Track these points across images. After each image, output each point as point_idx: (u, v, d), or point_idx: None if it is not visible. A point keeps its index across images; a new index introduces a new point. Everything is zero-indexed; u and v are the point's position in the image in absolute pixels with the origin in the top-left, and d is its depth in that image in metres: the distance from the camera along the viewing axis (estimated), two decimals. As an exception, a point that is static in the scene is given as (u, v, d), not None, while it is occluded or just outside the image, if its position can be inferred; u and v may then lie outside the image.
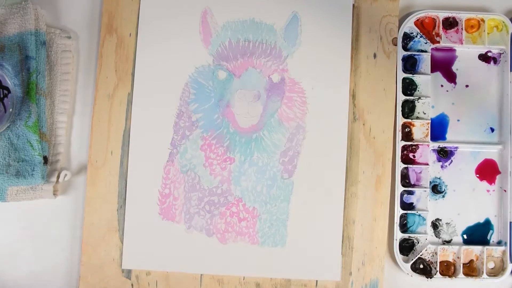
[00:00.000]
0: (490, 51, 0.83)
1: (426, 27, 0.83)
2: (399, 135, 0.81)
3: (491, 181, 0.82)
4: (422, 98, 0.81)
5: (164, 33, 0.81)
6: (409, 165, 0.81)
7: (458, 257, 0.80)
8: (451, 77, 0.83)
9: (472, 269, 0.81)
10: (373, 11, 0.82)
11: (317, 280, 0.79)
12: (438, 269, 0.80)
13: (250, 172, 0.80)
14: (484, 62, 0.84)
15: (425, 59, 0.82)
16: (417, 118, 0.82)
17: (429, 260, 0.81)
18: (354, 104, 0.81)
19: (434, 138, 0.82)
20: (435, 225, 0.82)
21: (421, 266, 0.81)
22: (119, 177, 0.80)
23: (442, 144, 0.82)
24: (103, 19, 0.81)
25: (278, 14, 0.82)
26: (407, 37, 0.83)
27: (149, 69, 0.81)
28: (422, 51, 0.82)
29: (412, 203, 0.81)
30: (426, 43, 0.83)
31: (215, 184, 0.80)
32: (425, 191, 0.81)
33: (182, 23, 0.81)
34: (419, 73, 0.82)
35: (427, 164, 0.81)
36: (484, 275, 0.80)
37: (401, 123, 0.81)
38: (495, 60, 0.84)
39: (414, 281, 0.80)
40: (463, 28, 0.82)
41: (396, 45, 0.82)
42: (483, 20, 0.83)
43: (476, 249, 0.81)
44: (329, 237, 0.79)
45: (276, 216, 0.80)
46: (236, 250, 0.79)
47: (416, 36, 0.83)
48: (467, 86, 0.83)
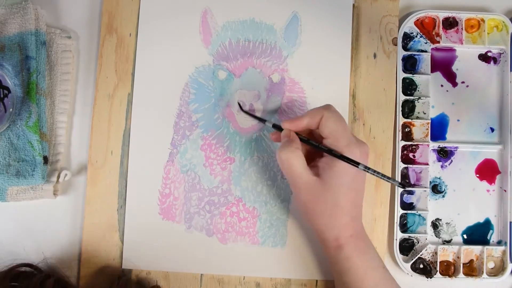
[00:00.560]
0: (490, 51, 0.83)
1: (426, 27, 0.83)
2: (399, 135, 0.81)
3: (491, 181, 0.82)
4: (422, 98, 0.81)
5: (164, 33, 0.81)
6: (409, 165, 0.81)
7: (458, 257, 0.80)
8: (451, 77, 0.83)
9: (472, 269, 0.81)
10: (373, 11, 0.82)
11: (317, 280, 0.79)
12: (438, 269, 0.80)
13: (250, 172, 0.80)
14: (484, 62, 0.84)
15: (425, 59, 0.82)
16: (417, 118, 0.82)
17: (429, 260, 0.81)
18: (354, 104, 0.81)
19: (434, 138, 0.82)
20: (435, 225, 0.82)
21: (421, 266, 0.81)
22: (119, 177, 0.80)
23: (442, 144, 0.82)
24: (103, 19, 0.81)
25: (278, 14, 0.82)
26: (407, 37, 0.83)
27: (149, 69, 0.81)
28: (422, 51, 0.82)
29: (412, 203, 0.81)
30: (426, 43, 0.83)
31: (215, 184, 0.80)
32: (425, 191, 0.81)
33: (182, 23, 0.81)
34: (419, 73, 0.82)
35: (427, 164, 0.81)
36: (484, 275, 0.80)
37: (401, 123, 0.81)
38: (495, 60, 0.84)
39: (414, 281, 0.80)
40: (463, 28, 0.82)
41: (396, 45, 0.82)
42: (483, 20, 0.83)
43: (476, 249, 0.81)
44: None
45: (276, 216, 0.80)
46: (236, 250, 0.79)
47: (416, 36, 0.83)
48: (467, 86, 0.83)
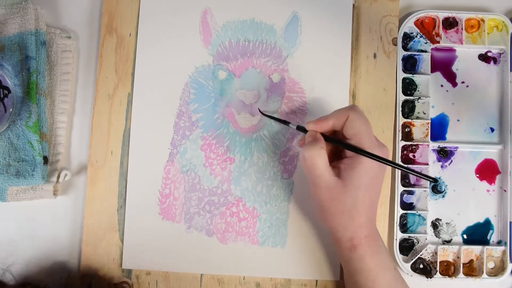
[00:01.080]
0: (490, 51, 0.83)
1: (426, 27, 0.83)
2: (399, 135, 0.81)
3: (491, 181, 0.82)
4: (422, 98, 0.81)
5: (164, 33, 0.81)
6: (409, 165, 0.81)
7: (458, 257, 0.80)
8: (451, 77, 0.83)
9: (472, 269, 0.81)
10: (373, 11, 0.82)
11: (317, 280, 0.79)
12: (438, 269, 0.80)
13: (250, 172, 0.80)
14: (484, 62, 0.84)
15: (425, 59, 0.82)
16: (417, 118, 0.82)
17: (429, 260, 0.81)
18: (354, 104, 0.81)
19: (434, 138, 0.82)
20: (435, 225, 0.82)
21: (421, 266, 0.81)
22: (119, 177, 0.80)
23: (442, 144, 0.82)
24: (103, 19, 0.81)
25: (278, 14, 0.82)
26: (407, 37, 0.83)
27: (149, 69, 0.81)
28: (422, 51, 0.82)
29: (412, 203, 0.81)
30: (426, 43, 0.83)
31: (215, 184, 0.80)
32: (425, 191, 0.81)
33: (182, 23, 0.81)
34: (419, 73, 0.82)
35: (427, 164, 0.81)
36: (484, 275, 0.80)
37: (401, 123, 0.81)
38: (495, 60, 0.84)
39: (414, 281, 0.80)
40: (463, 28, 0.82)
41: (396, 45, 0.82)
42: (483, 20, 0.83)
43: (476, 249, 0.81)
44: (329, 237, 0.79)
45: (276, 216, 0.80)
46: (236, 250, 0.79)
47: (416, 36, 0.83)
48: (467, 86, 0.83)
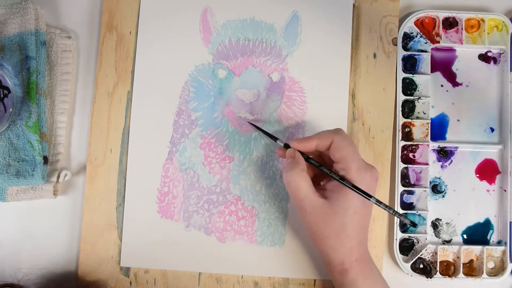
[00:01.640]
0: (490, 51, 0.83)
1: (426, 27, 0.83)
2: (399, 135, 0.81)
3: (491, 181, 0.82)
4: (422, 98, 0.81)
5: (164, 31, 0.81)
6: (409, 165, 0.81)
7: (458, 257, 0.80)
8: (451, 77, 0.83)
9: (472, 269, 0.80)
10: (373, 11, 0.82)
11: (315, 279, 0.79)
12: (438, 269, 0.79)
13: (249, 171, 0.80)
14: (484, 62, 0.84)
15: (425, 59, 0.82)
16: (417, 118, 0.82)
17: (429, 260, 0.80)
18: (354, 104, 0.81)
19: (434, 138, 0.82)
20: (435, 225, 0.81)
21: (421, 266, 0.80)
22: (118, 175, 0.80)
23: (442, 144, 0.82)
24: (103, 17, 0.82)
25: (278, 13, 0.82)
26: (407, 37, 0.83)
27: (149, 67, 0.81)
28: (422, 51, 0.82)
29: (412, 203, 0.81)
30: (426, 43, 0.82)
31: (214, 183, 0.80)
32: (425, 191, 0.80)
33: (182, 22, 0.82)
34: (419, 73, 0.82)
35: (427, 164, 0.81)
36: (484, 275, 0.79)
37: (401, 123, 0.81)
38: (495, 60, 0.83)
39: (414, 281, 0.80)
40: (463, 28, 0.82)
41: (396, 45, 0.82)
42: (483, 20, 0.83)
43: (476, 249, 0.80)
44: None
45: (275, 215, 0.80)
46: (235, 249, 0.79)
47: (416, 36, 0.83)
48: (467, 86, 0.83)
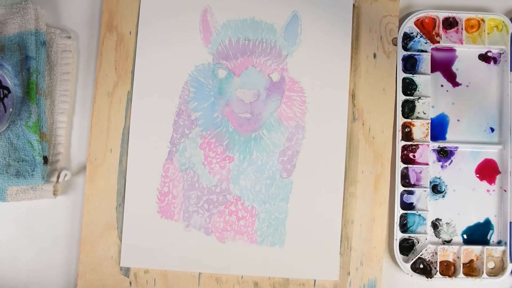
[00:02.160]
0: (490, 51, 0.83)
1: (426, 27, 0.83)
2: (399, 135, 0.81)
3: (491, 181, 0.82)
4: (422, 98, 0.81)
5: (164, 32, 0.81)
6: (409, 165, 0.81)
7: (458, 257, 0.80)
8: (451, 77, 0.83)
9: (472, 269, 0.80)
10: (373, 11, 0.82)
11: (315, 280, 0.79)
12: (438, 269, 0.79)
13: (249, 171, 0.80)
14: (484, 62, 0.84)
15: (425, 59, 0.82)
16: (417, 118, 0.82)
17: (429, 260, 0.80)
18: (354, 104, 0.81)
19: (434, 138, 0.82)
20: (435, 225, 0.81)
21: (421, 266, 0.80)
22: (118, 175, 0.80)
23: (442, 144, 0.82)
24: (103, 17, 0.82)
25: (278, 13, 0.82)
26: (407, 37, 0.83)
27: (149, 67, 0.81)
28: (422, 51, 0.82)
29: (412, 203, 0.81)
30: (426, 43, 0.83)
31: (214, 183, 0.80)
32: (425, 191, 0.80)
33: (182, 22, 0.82)
34: (419, 73, 0.82)
35: (427, 164, 0.81)
36: (484, 275, 0.80)
37: (401, 123, 0.81)
38: (495, 60, 0.83)
39: (414, 281, 0.80)
40: (463, 28, 0.82)
41: (396, 45, 0.82)
42: (483, 20, 0.83)
43: (476, 249, 0.80)
44: (328, 237, 0.79)
45: (275, 215, 0.80)
46: (235, 249, 0.79)
47: (416, 36, 0.83)
48: (467, 86, 0.83)
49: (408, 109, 0.82)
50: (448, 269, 0.81)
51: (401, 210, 0.80)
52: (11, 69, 0.77)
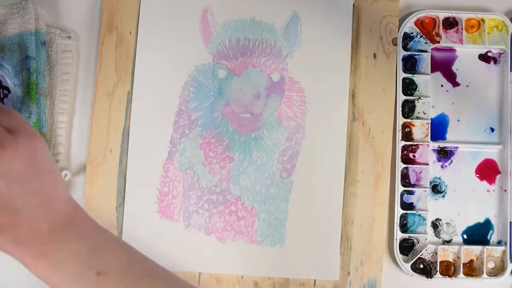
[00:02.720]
0: (490, 51, 0.83)
1: (426, 27, 0.83)
2: (399, 135, 0.81)
3: (491, 181, 0.82)
4: (422, 98, 0.81)
5: (164, 32, 0.81)
6: (409, 165, 0.81)
7: (458, 257, 0.80)
8: (451, 77, 0.83)
9: (472, 269, 0.80)
10: (373, 11, 0.82)
11: (315, 280, 0.79)
12: (438, 269, 0.79)
13: (249, 171, 0.80)
14: (484, 62, 0.84)
15: (425, 59, 0.82)
16: (417, 118, 0.82)
17: (429, 260, 0.80)
18: (354, 104, 0.81)
19: (434, 138, 0.82)
20: (435, 225, 0.81)
21: (421, 266, 0.80)
22: (118, 175, 0.80)
23: (442, 144, 0.82)
24: (103, 17, 0.82)
25: (278, 14, 0.82)
26: (407, 37, 0.83)
27: (149, 68, 0.81)
28: (422, 51, 0.82)
29: (412, 203, 0.81)
30: (426, 43, 0.83)
31: (214, 183, 0.80)
32: (425, 191, 0.80)
33: (182, 22, 0.82)
34: (419, 73, 0.82)
35: (427, 164, 0.81)
36: (484, 275, 0.79)
37: (401, 123, 0.81)
38: (495, 60, 0.83)
39: (414, 281, 0.80)
40: (463, 28, 0.82)
41: (396, 45, 0.82)
42: (483, 20, 0.83)
43: (476, 249, 0.80)
44: (328, 237, 0.79)
45: (275, 215, 0.79)
46: (235, 249, 0.79)
47: (416, 36, 0.83)
48: (467, 86, 0.83)
49: (408, 109, 0.82)
50: (448, 269, 0.81)
51: (401, 210, 0.80)
52: (11, 69, 0.77)
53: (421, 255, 0.80)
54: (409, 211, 0.80)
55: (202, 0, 0.82)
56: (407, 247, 0.80)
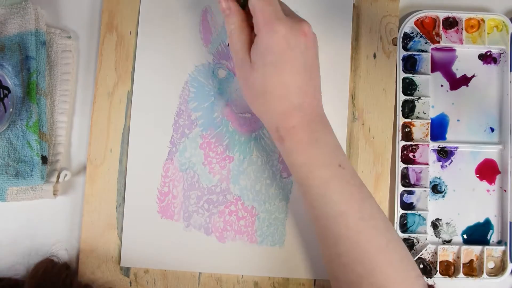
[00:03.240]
0: (490, 51, 0.83)
1: (426, 27, 0.83)
2: (399, 135, 0.81)
3: (491, 181, 0.82)
4: (422, 98, 0.81)
5: (164, 32, 0.81)
6: (409, 165, 0.81)
7: (458, 257, 0.80)
8: (451, 77, 0.83)
9: (472, 269, 0.80)
10: (373, 11, 0.82)
11: (315, 279, 0.79)
12: (438, 269, 0.79)
13: (249, 171, 0.80)
14: (484, 62, 0.84)
15: (425, 59, 0.82)
16: (417, 118, 0.82)
17: (429, 260, 0.80)
18: (354, 104, 0.81)
19: (434, 138, 0.82)
20: (435, 225, 0.81)
21: (421, 266, 0.80)
22: (118, 175, 0.80)
23: (442, 144, 0.82)
24: (103, 18, 0.82)
25: (278, 14, 0.82)
26: (407, 37, 0.83)
27: (149, 68, 0.81)
28: (422, 51, 0.82)
29: (412, 203, 0.81)
30: (426, 43, 0.82)
31: (214, 183, 0.80)
32: (425, 191, 0.80)
33: (182, 22, 0.82)
34: (419, 73, 0.82)
35: (427, 164, 0.81)
36: (484, 275, 0.79)
37: (401, 123, 0.81)
38: (495, 60, 0.83)
39: (414, 281, 0.80)
40: (463, 28, 0.82)
41: (396, 45, 0.82)
42: (483, 20, 0.83)
43: (476, 249, 0.80)
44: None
45: (275, 215, 0.79)
46: (235, 249, 0.79)
47: (416, 36, 0.83)
48: (467, 86, 0.83)
49: (408, 109, 0.82)
50: (448, 269, 0.81)
51: (401, 210, 0.80)
52: (11, 69, 0.77)
53: (421, 255, 0.80)
54: (409, 211, 0.80)
55: (202, 0, 0.82)
56: (407, 247, 0.80)
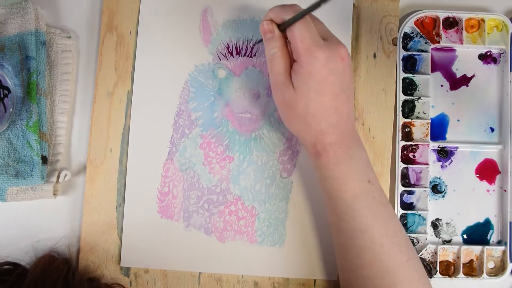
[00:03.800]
0: (490, 51, 0.83)
1: (426, 27, 0.83)
2: (399, 135, 0.81)
3: (491, 181, 0.82)
4: (422, 98, 0.81)
5: (164, 32, 0.81)
6: (409, 165, 0.81)
7: (458, 257, 0.80)
8: (451, 77, 0.83)
9: (472, 269, 0.80)
10: (373, 11, 0.82)
11: (315, 279, 0.79)
12: (438, 269, 0.79)
13: (249, 171, 0.80)
14: (484, 62, 0.84)
15: (425, 59, 0.82)
16: (417, 118, 0.82)
17: (429, 260, 0.80)
18: (354, 104, 0.81)
19: (434, 138, 0.82)
20: (435, 225, 0.81)
21: (421, 266, 0.80)
22: (118, 175, 0.80)
23: (442, 144, 0.82)
24: (103, 17, 0.82)
25: (278, 14, 0.82)
26: (407, 37, 0.83)
27: (149, 67, 0.81)
28: (422, 51, 0.82)
29: (412, 203, 0.81)
30: (426, 43, 0.82)
31: (214, 183, 0.80)
32: (425, 191, 0.80)
33: (182, 22, 0.82)
34: (419, 73, 0.82)
35: (427, 164, 0.81)
36: (484, 275, 0.80)
37: (401, 123, 0.81)
38: (495, 60, 0.83)
39: (414, 281, 0.80)
40: (463, 28, 0.82)
41: (396, 45, 0.82)
42: (483, 20, 0.83)
43: (476, 249, 0.80)
44: (328, 237, 0.79)
45: (275, 215, 0.79)
46: (235, 249, 0.79)
47: (416, 36, 0.83)
48: (467, 86, 0.83)
49: (408, 109, 0.82)
50: (448, 269, 0.81)
51: (401, 210, 0.80)
52: (11, 69, 0.77)
53: (421, 255, 0.80)
54: (409, 211, 0.80)
55: (202, 0, 0.82)
56: (407, 247, 0.81)
